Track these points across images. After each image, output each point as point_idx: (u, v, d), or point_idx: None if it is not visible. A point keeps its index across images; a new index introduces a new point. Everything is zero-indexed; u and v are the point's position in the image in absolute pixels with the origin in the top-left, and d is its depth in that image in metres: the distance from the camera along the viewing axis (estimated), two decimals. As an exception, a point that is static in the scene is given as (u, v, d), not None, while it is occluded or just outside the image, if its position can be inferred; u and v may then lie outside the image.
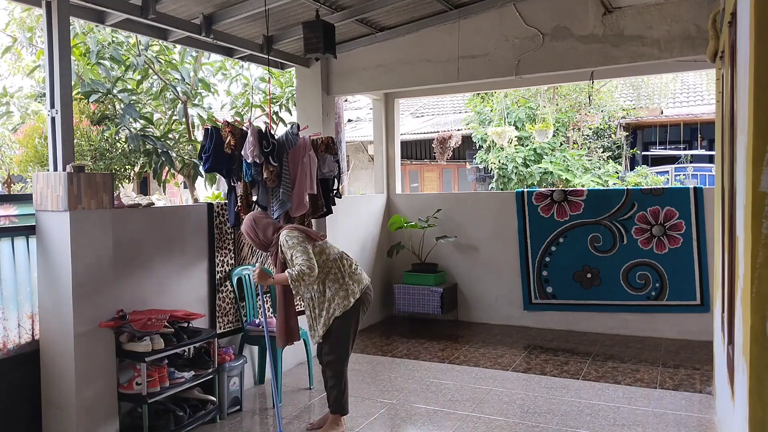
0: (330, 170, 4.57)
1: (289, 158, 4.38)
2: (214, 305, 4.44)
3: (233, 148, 4.19)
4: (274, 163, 4.24)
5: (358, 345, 5.96)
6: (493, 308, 6.67)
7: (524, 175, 10.99)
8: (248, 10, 4.67)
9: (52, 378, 3.46)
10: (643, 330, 6.00)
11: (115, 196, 3.75)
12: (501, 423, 3.97)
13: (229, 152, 4.20)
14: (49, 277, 3.43)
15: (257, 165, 4.22)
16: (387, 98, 7.25)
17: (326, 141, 4.58)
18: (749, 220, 1.88)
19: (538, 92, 11.75)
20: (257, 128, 4.21)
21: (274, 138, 4.27)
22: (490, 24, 5.26)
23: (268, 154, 4.18)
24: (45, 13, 3.52)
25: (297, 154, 4.38)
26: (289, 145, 4.37)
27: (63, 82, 3.50)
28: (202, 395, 4.02)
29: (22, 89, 8.65)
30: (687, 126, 13.38)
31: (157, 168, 6.83)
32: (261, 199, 4.38)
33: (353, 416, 4.14)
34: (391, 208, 7.19)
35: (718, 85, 3.84)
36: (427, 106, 16.22)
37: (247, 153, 4.14)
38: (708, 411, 4.08)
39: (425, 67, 5.58)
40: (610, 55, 4.86)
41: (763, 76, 1.81)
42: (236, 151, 4.20)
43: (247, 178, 4.27)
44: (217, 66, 7.92)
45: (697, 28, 4.54)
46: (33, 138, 8.01)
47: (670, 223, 5.88)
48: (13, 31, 7.53)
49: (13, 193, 7.43)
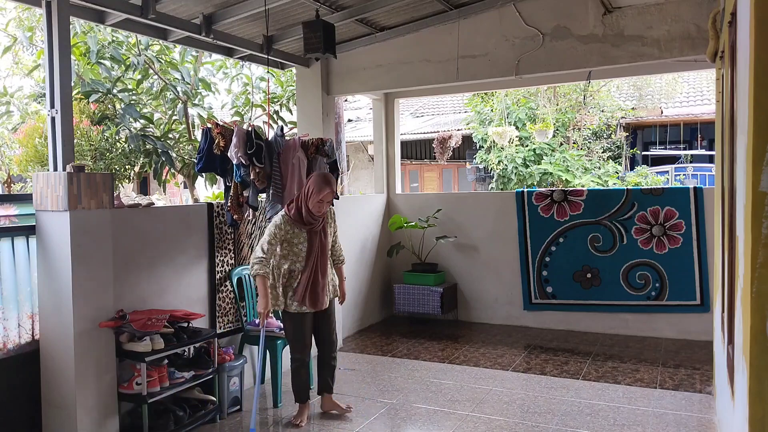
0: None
1: (280, 159, 4.39)
2: (214, 305, 4.44)
3: (222, 149, 4.21)
4: (259, 164, 4.25)
5: (358, 345, 5.96)
6: (493, 308, 6.67)
7: (524, 175, 10.99)
8: (248, 10, 4.67)
9: (52, 378, 3.46)
10: (643, 330, 6.00)
11: (115, 196, 3.75)
12: (501, 423, 3.97)
13: (219, 153, 4.22)
14: (49, 277, 3.43)
15: (245, 166, 4.24)
16: (387, 98, 7.25)
17: (317, 143, 4.57)
18: (749, 220, 1.88)
19: (538, 92, 11.75)
20: (243, 129, 4.21)
21: (260, 139, 4.26)
22: (490, 24, 5.26)
23: (252, 155, 4.19)
24: (45, 13, 3.52)
25: (287, 156, 4.39)
26: (278, 146, 4.38)
27: (63, 82, 3.50)
28: (202, 395, 4.02)
29: (22, 89, 8.64)
30: (687, 126, 13.38)
31: (157, 168, 6.82)
32: (252, 200, 4.40)
33: (353, 416, 4.14)
34: (391, 208, 7.19)
35: (718, 85, 3.84)
36: (427, 106, 16.22)
37: (232, 154, 4.16)
38: (708, 411, 4.08)
39: (425, 67, 5.58)
40: (610, 55, 4.86)
41: (763, 76, 1.81)
42: (225, 152, 4.22)
43: (237, 178, 4.32)
44: (218, 65, 7.91)
45: (697, 28, 4.54)
46: (33, 138, 8.00)
47: (670, 223, 5.88)
48: (13, 31, 7.52)
49: (13, 193, 7.44)
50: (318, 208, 3.81)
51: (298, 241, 3.85)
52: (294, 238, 3.85)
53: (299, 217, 3.83)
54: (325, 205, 3.85)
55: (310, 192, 3.80)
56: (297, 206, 3.85)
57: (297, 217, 3.83)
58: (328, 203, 3.89)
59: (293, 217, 3.84)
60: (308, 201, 3.80)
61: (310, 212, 3.81)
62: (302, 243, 3.86)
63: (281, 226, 3.82)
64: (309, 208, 3.80)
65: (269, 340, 4.38)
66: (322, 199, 3.79)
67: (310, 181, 3.86)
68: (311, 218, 3.83)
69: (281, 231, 3.82)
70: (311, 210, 3.80)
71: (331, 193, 3.81)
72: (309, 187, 3.83)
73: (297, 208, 3.85)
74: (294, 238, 3.85)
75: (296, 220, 3.83)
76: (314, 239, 3.86)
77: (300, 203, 3.85)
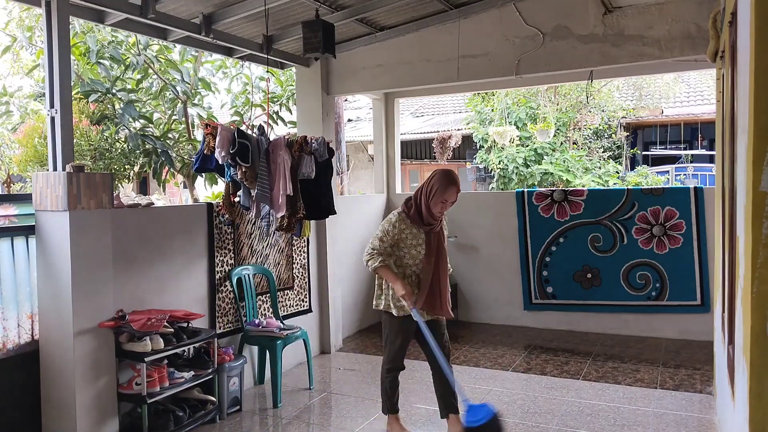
0: (309, 171, 4.54)
1: (269, 159, 4.39)
2: (213, 305, 4.44)
3: (212, 150, 4.22)
4: (245, 164, 4.25)
5: (358, 345, 5.96)
6: (493, 308, 6.66)
7: (525, 175, 10.99)
8: (248, 10, 4.66)
9: (52, 378, 3.46)
10: (644, 330, 5.99)
11: (114, 196, 3.75)
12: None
13: (209, 153, 4.23)
14: (49, 277, 3.43)
15: (233, 165, 4.25)
16: (387, 98, 7.24)
17: (300, 141, 4.56)
18: (749, 220, 1.87)
19: (538, 92, 11.74)
20: (227, 129, 4.20)
21: (246, 138, 4.25)
22: (491, 23, 5.26)
23: (234, 155, 4.18)
24: (44, 13, 3.51)
25: (275, 155, 4.40)
26: (261, 146, 4.36)
27: (62, 82, 3.49)
28: (202, 395, 4.02)
29: (21, 88, 8.64)
30: (687, 126, 13.37)
31: (157, 168, 6.82)
32: (243, 201, 4.40)
33: (353, 416, 4.14)
34: (391, 208, 7.18)
35: (719, 84, 3.83)
36: (427, 106, 16.20)
37: (216, 153, 4.17)
38: (708, 411, 4.07)
39: (425, 67, 5.57)
40: (611, 54, 4.85)
41: (763, 76, 1.81)
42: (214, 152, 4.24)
43: (227, 178, 4.36)
44: (218, 65, 7.91)
45: (697, 28, 4.53)
46: (32, 138, 8.01)
47: (671, 223, 5.87)
48: (13, 30, 7.52)
49: (12, 193, 7.44)
50: (440, 209, 3.48)
51: (415, 242, 3.52)
52: (411, 238, 3.52)
53: (419, 216, 3.50)
54: (448, 206, 3.50)
55: (434, 190, 3.44)
56: (416, 205, 3.51)
57: (416, 217, 3.50)
58: (452, 203, 3.51)
59: (412, 216, 3.51)
60: (430, 200, 3.45)
61: (431, 212, 3.47)
62: (420, 245, 3.53)
63: (396, 224, 3.50)
64: (430, 208, 3.46)
65: (269, 340, 4.38)
66: (446, 199, 3.45)
67: (433, 179, 3.48)
68: (432, 219, 3.50)
69: (395, 229, 3.49)
70: (432, 211, 3.46)
71: (456, 193, 3.46)
72: (432, 184, 3.46)
73: (416, 206, 3.51)
74: (411, 238, 3.52)
75: (415, 220, 3.50)
76: (433, 241, 3.54)
77: (419, 202, 3.50)
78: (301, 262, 5.39)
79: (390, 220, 3.53)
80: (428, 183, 3.49)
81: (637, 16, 4.73)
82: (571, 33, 4.96)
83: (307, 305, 5.47)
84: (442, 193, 3.42)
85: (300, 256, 5.38)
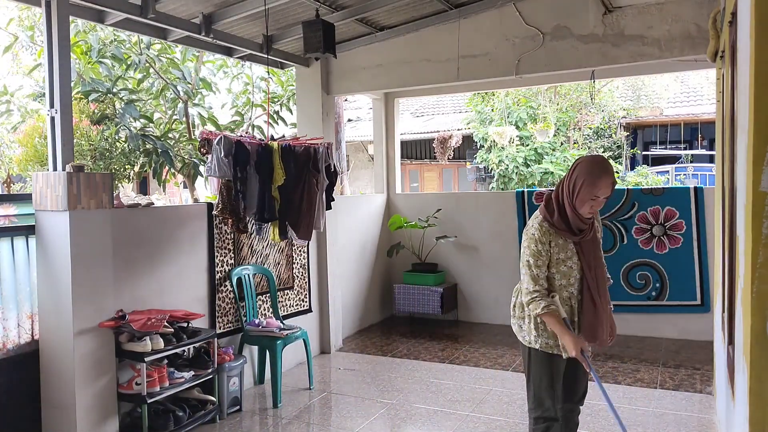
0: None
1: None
2: (213, 305, 4.44)
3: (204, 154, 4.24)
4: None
5: (358, 345, 5.96)
6: (493, 308, 6.66)
7: (525, 175, 10.99)
8: (248, 10, 4.66)
9: (52, 378, 3.46)
10: (644, 330, 5.99)
11: (114, 195, 3.75)
12: (501, 423, 3.97)
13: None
14: (49, 277, 3.43)
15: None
16: (387, 98, 7.24)
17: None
18: (749, 220, 1.87)
19: (538, 91, 11.75)
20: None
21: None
22: (491, 23, 5.26)
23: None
24: (45, 13, 3.51)
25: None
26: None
27: (63, 82, 3.49)
28: (202, 395, 4.02)
29: (22, 88, 8.64)
30: (687, 126, 13.38)
31: (157, 168, 6.82)
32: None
33: (353, 416, 4.14)
34: (391, 208, 7.18)
35: (719, 84, 3.83)
36: (427, 106, 16.21)
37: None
38: (708, 411, 4.07)
39: (425, 67, 5.57)
40: (611, 54, 4.85)
41: (764, 75, 1.81)
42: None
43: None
44: (219, 64, 7.91)
45: (697, 28, 4.54)
46: (33, 137, 8.02)
47: (671, 222, 5.87)
48: (13, 30, 7.52)
49: (12, 193, 7.44)
50: (589, 209, 2.64)
51: (564, 256, 2.72)
52: (559, 252, 2.71)
53: (565, 224, 2.69)
54: (599, 204, 2.65)
55: (579, 185, 2.60)
56: (558, 208, 2.70)
57: (561, 225, 2.69)
58: (605, 200, 2.65)
59: (556, 224, 2.69)
60: (575, 199, 2.63)
61: (577, 215, 2.65)
62: (570, 258, 2.72)
63: (541, 238, 2.69)
64: (576, 209, 2.65)
65: (269, 340, 4.38)
66: (597, 196, 2.59)
67: (576, 169, 2.64)
68: (581, 223, 2.69)
69: (544, 246, 2.69)
70: (579, 212, 2.65)
71: (612, 186, 2.59)
72: (575, 178, 2.62)
73: (559, 210, 2.70)
74: (559, 252, 2.71)
75: (561, 229, 2.69)
76: (588, 251, 2.75)
77: (562, 202, 2.69)
78: (301, 262, 5.39)
79: (532, 236, 2.71)
80: (570, 176, 2.66)
81: (637, 16, 4.74)
82: (571, 33, 4.96)
83: (307, 305, 5.47)
84: (590, 188, 2.58)
85: (300, 256, 5.38)
